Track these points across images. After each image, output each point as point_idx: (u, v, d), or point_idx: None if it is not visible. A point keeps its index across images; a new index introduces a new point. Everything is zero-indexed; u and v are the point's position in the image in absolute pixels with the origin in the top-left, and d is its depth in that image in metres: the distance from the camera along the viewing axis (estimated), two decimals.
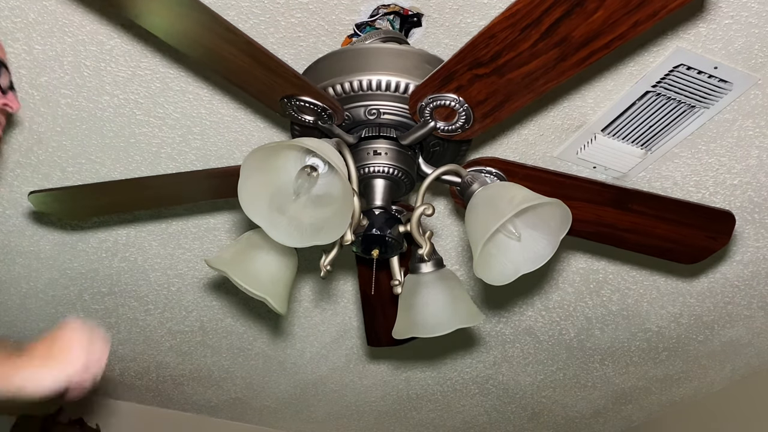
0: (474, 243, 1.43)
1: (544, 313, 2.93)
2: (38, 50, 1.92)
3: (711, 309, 2.88)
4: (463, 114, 1.49)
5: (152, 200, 1.87)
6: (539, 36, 1.33)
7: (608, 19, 1.29)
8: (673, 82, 2.01)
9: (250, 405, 3.47)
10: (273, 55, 1.40)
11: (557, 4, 1.27)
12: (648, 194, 1.72)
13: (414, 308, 1.60)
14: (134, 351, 3.08)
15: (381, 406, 3.50)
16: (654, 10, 1.27)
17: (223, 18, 1.31)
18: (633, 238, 1.79)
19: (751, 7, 1.83)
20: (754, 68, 1.98)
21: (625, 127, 2.16)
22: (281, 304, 1.56)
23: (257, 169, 1.35)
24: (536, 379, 3.32)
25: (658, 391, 3.42)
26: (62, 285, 2.72)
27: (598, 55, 1.36)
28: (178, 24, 1.33)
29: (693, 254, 1.85)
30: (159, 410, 3.47)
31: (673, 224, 1.76)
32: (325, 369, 3.22)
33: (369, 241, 1.52)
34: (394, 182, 1.59)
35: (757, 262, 2.65)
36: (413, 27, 1.84)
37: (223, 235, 2.54)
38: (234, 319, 2.92)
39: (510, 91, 1.44)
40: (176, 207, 2.43)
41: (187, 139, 2.18)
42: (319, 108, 1.49)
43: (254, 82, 1.45)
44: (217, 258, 1.56)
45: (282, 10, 1.81)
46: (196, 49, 1.40)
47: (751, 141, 2.20)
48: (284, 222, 1.39)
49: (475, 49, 1.37)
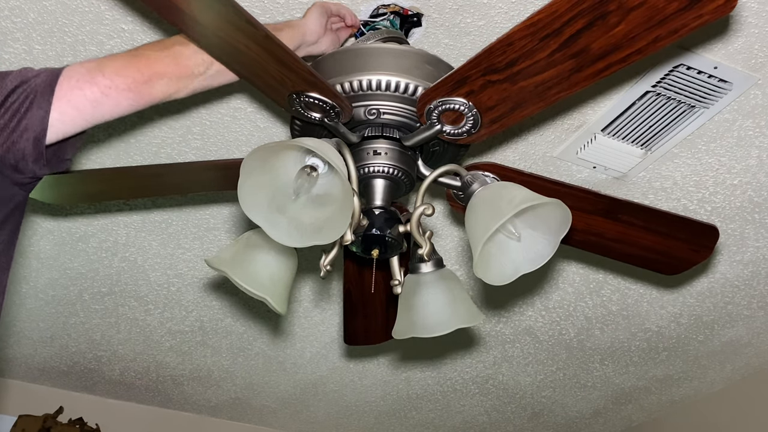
0: (474, 243, 1.43)
1: (544, 313, 2.93)
2: (38, 50, 1.92)
3: (711, 309, 2.88)
4: (471, 119, 1.49)
5: (140, 189, 1.87)
6: (557, 46, 1.32)
7: (629, 33, 1.29)
8: (673, 81, 2.01)
9: (250, 405, 3.47)
10: (289, 50, 1.39)
11: (579, 15, 1.27)
12: (638, 206, 1.74)
13: (414, 308, 1.60)
14: (134, 351, 3.08)
15: (381, 406, 3.50)
16: (675, 28, 1.28)
17: (245, 10, 1.31)
18: (619, 248, 1.83)
19: (751, 7, 1.83)
20: (754, 68, 1.98)
21: (625, 126, 2.16)
22: (281, 304, 1.56)
23: (257, 169, 1.35)
24: (536, 379, 3.32)
25: (658, 391, 3.42)
26: (62, 285, 2.72)
27: (613, 69, 1.36)
28: (200, 15, 1.33)
29: (675, 265, 1.89)
30: (159, 410, 3.47)
31: (659, 236, 1.80)
32: (325, 369, 3.22)
33: (369, 241, 1.52)
34: (394, 182, 1.59)
35: (757, 262, 2.65)
36: (413, 27, 1.84)
37: (223, 235, 2.54)
38: (234, 319, 2.92)
39: (521, 98, 1.44)
40: (176, 207, 2.43)
41: (187, 139, 2.18)
42: (327, 105, 1.49)
43: (265, 75, 1.45)
44: (216, 258, 1.56)
45: (282, 10, 1.81)
46: (211, 40, 1.39)
47: (751, 141, 2.20)
48: (284, 222, 1.38)
49: (492, 56, 1.37)
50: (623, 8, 1.26)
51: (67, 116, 1.28)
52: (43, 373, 3.21)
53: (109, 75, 1.31)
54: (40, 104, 1.25)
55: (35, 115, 1.24)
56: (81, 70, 1.30)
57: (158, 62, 1.38)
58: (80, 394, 3.35)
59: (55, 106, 1.26)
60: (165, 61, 1.39)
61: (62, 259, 2.61)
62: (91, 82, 1.30)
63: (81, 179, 1.84)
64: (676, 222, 1.78)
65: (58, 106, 1.26)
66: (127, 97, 1.34)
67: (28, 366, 3.15)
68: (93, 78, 1.30)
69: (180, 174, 1.77)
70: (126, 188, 1.85)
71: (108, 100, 1.31)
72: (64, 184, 1.84)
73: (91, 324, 2.92)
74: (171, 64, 1.39)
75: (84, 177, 1.83)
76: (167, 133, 2.17)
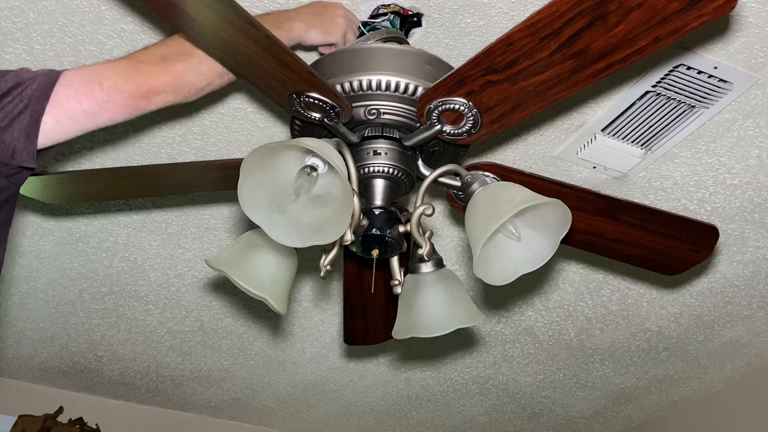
0: (474, 243, 1.43)
1: (544, 313, 2.93)
2: (38, 50, 1.92)
3: (711, 309, 2.88)
4: (471, 119, 1.49)
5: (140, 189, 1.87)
6: (557, 46, 1.32)
7: (629, 33, 1.29)
8: (673, 81, 2.01)
9: (250, 405, 3.47)
10: (289, 50, 1.39)
11: (579, 16, 1.27)
12: (638, 205, 1.74)
13: (414, 308, 1.60)
14: (134, 351, 3.08)
15: (381, 406, 3.50)
16: (675, 28, 1.28)
17: (245, 10, 1.31)
18: (619, 248, 1.83)
19: (751, 7, 1.83)
20: (754, 68, 1.98)
21: (625, 126, 2.16)
22: (281, 304, 1.56)
23: (257, 169, 1.35)
24: (536, 379, 3.32)
25: (658, 391, 3.42)
26: (62, 285, 2.72)
27: (613, 69, 1.36)
28: (200, 15, 1.33)
29: (675, 266, 1.89)
30: (159, 410, 3.47)
31: (658, 236, 1.80)
32: (325, 369, 3.22)
33: (369, 241, 1.52)
34: (394, 182, 1.59)
35: (757, 262, 2.65)
36: (413, 27, 1.84)
37: (223, 235, 2.54)
38: (234, 319, 2.92)
39: (521, 98, 1.44)
40: (176, 207, 2.43)
41: (187, 139, 2.18)
42: (327, 105, 1.49)
43: (265, 76, 1.45)
44: (216, 258, 1.56)
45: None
46: (211, 40, 1.39)
47: (751, 141, 2.20)
48: (284, 222, 1.38)
49: (492, 56, 1.37)
50: (623, 8, 1.26)
51: (63, 125, 1.28)
52: (43, 373, 3.21)
53: (106, 89, 1.31)
54: (35, 108, 1.24)
55: (29, 117, 1.24)
56: (79, 78, 1.30)
57: (157, 79, 1.38)
58: (80, 394, 3.35)
59: (50, 114, 1.26)
60: (164, 79, 1.38)
61: (62, 259, 2.61)
62: (89, 94, 1.29)
63: (81, 179, 1.84)
64: (676, 222, 1.78)
65: (54, 114, 1.26)
66: (125, 111, 1.34)
67: (28, 366, 3.15)
68: (91, 90, 1.30)
69: (180, 174, 1.77)
70: (126, 188, 1.85)
71: (104, 113, 1.32)
72: (64, 184, 1.84)
73: (91, 324, 2.92)
74: (170, 82, 1.39)
75: (84, 177, 1.83)
76: (167, 133, 2.17)
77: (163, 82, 1.38)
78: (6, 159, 1.25)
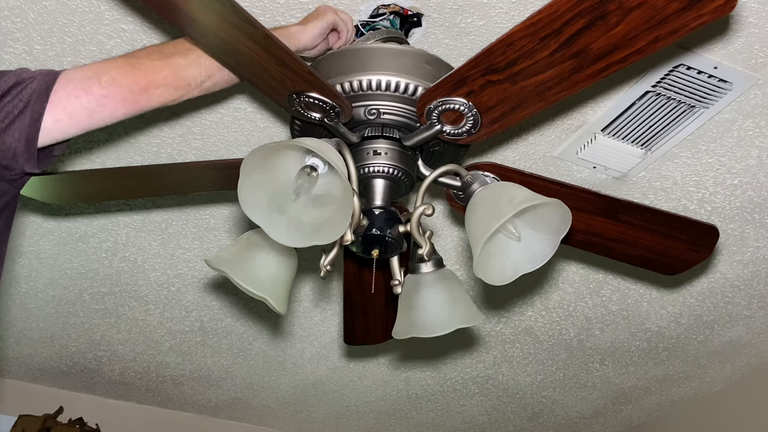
0: (474, 243, 1.43)
1: (544, 313, 2.93)
2: (38, 50, 1.92)
3: (711, 309, 2.88)
4: (471, 119, 1.49)
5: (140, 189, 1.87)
6: (557, 46, 1.32)
7: (629, 33, 1.29)
8: (673, 81, 2.01)
9: (250, 405, 3.47)
10: (289, 50, 1.39)
11: (579, 15, 1.27)
12: (638, 205, 1.74)
13: (414, 308, 1.60)
14: (134, 351, 3.08)
15: (381, 406, 3.50)
16: (675, 28, 1.28)
17: (245, 10, 1.31)
18: (619, 248, 1.83)
19: (751, 7, 1.83)
20: (754, 68, 1.98)
21: (625, 126, 2.16)
22: (281, 304, 1.56)
23: (257, 169, 1.35)
24: (536, 379, 3.32)
25: (658, 391, 3.42)
26: (62, 285, 2.72)
27: (613, 69, 1.36)
28: (200, 15, 1.33)
29: (675, 265, 1.89)
30: (159, 410, 3.47)
31: (658, 236, 1.80)
32: (325, 369, 3.22)
33: (369, 241, 1.52)
34: (395, 182, 1.59)
35: (757, 262, 2.65)
36: (413, 27, 1.84)
37: (223, 235, 2.54)
38: (234, 319, 2.92)
39: (521, 98, 1.44)
40: (176, 207, 2.43)
41: (187, 139, 2.18)
42: (327, 105, 1.49)
43: (265, 76, 1.45)
44: (216, 258, 1.56)
45: (282, 10, 1.81)
46: (211, 40, 1.39)
47: (751, 141, 2.20)
48: (284, 222, 1.38)
49: (492, 56, 1.37)
50: (623, 8, 1.26)
51: (62, 123, 1.27)
52: (43, 373, 3.21)
53: (105, 84, 1.31)
54: (35, 108, 1.24)
55: (29, 118, 1.24)
56: (78, 76, 1.30)
57: (156, 73, 1.37)
58: (80, 394, 3.35)
59: (50, 112, 1.26)
60: (163, 73, 1.38)
61: (62, 259, 2.61)
62: (88, 90, 1.29)
63: (81, 179, 1.84)
64: (676, 222, 1.78)
65: (53, 113, 1.26)
66: (123, 106, 1.34)
67: (28, 366, 3.15)
68: (89, 87, 1.30)
69: (180, 174, 1.77)
70: (126, 188, 1.85)
71: (103, 110, 1.31)
72: (64, 184, 1.84)
73: (91, 324, 2.92)
74: (169, 76, 1.39)
75: (84, 177, 1.83)
76: (167, 133, 2.17)
77: (162, 76, 1.38)
78: (7, 161, 1.24)
